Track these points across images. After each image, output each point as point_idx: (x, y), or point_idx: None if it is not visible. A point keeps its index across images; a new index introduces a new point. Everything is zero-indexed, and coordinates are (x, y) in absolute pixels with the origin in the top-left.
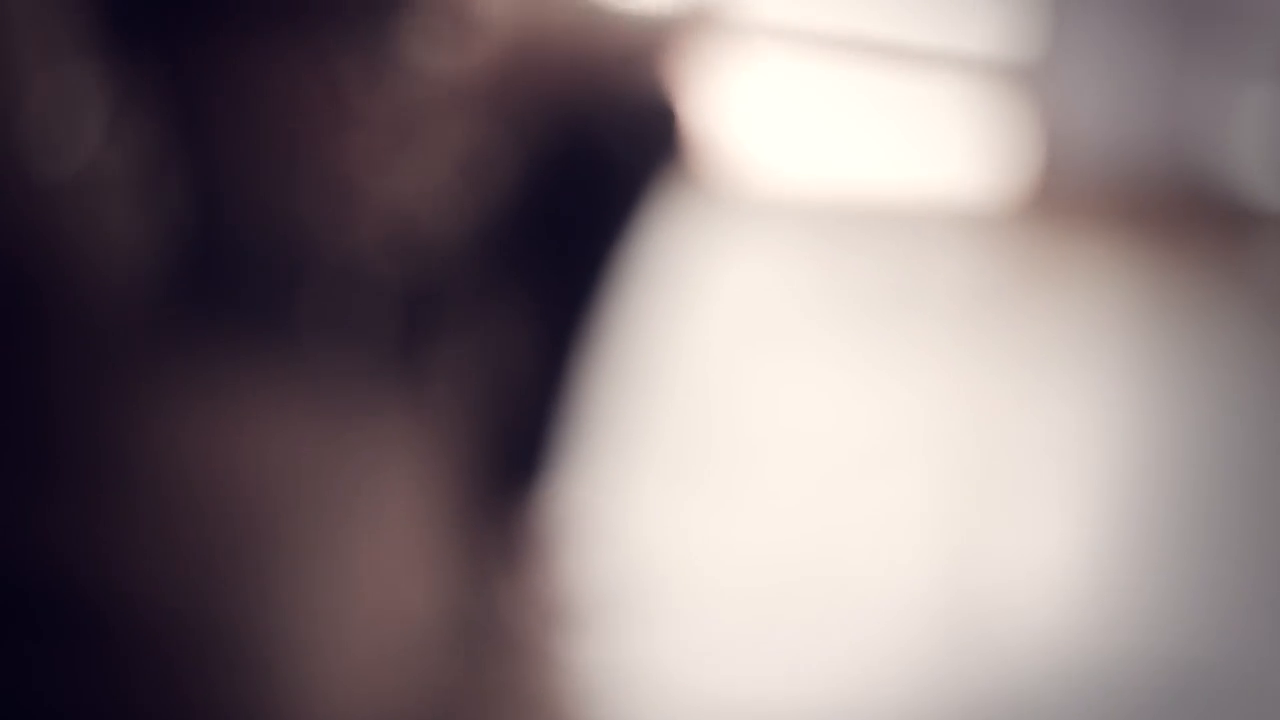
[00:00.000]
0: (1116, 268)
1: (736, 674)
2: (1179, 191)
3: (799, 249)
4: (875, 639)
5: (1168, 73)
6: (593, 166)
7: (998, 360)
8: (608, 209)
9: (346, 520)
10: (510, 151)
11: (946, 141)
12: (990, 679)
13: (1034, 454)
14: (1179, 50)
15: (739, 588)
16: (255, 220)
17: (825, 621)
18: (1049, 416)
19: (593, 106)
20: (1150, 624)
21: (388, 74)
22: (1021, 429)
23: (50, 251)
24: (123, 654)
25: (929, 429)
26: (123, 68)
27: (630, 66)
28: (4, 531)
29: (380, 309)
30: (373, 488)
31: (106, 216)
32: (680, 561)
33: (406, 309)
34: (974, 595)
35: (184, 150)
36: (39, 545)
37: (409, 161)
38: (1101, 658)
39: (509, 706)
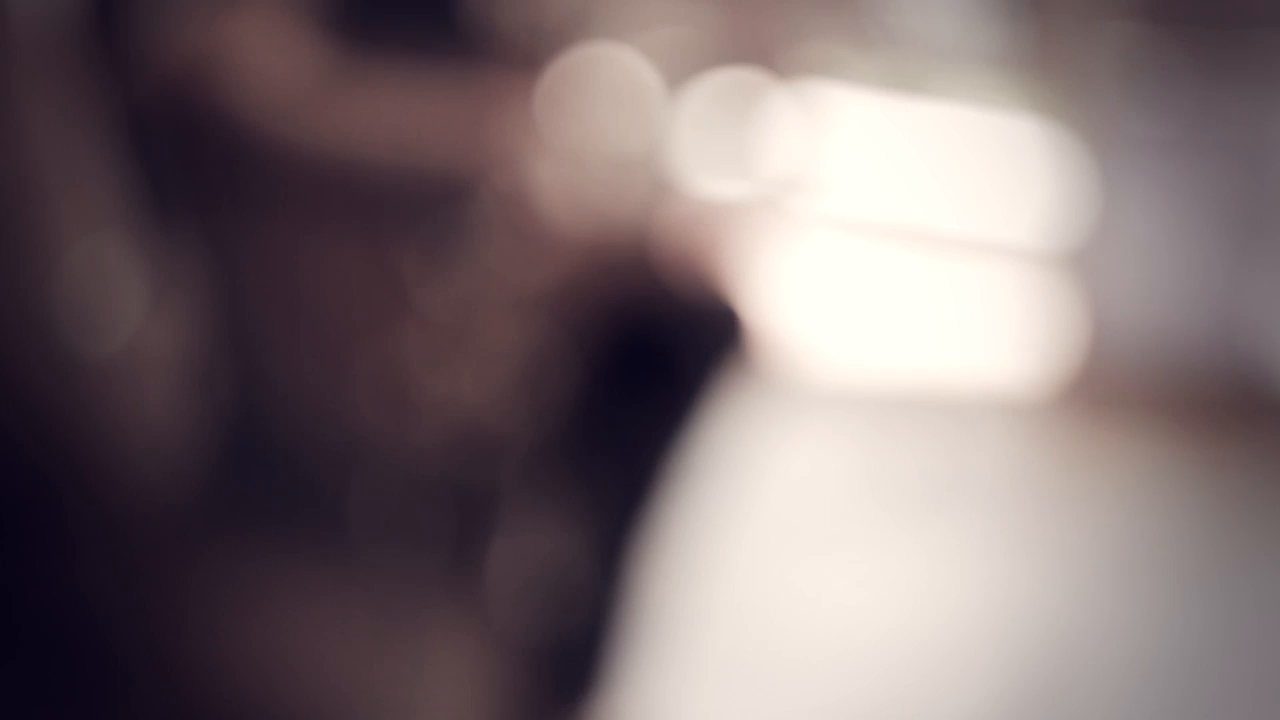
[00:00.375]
0: (1161, 462)
1: None
2: (1226, 386)
3: (846, 437)
4: None
5: (1216, 264)
6: (652, 366)
7: (1042, 552)
8: (665, 409)
9: None
10: (569, 352)
11: (993, 328)
12: None
13: (1078, 643)
14: (1229, 242)
15: None
16: (305, 411)
17: None
18: (1093, 608)
19: (652, 306)
20: None
21: (449, 270)
22: (1065, 620)
23: (87, 436)
24: None
25: (974, 620)
26: (168, 245)
27: (688, 263)
28: None
29: (434, 509)
30: (421, 693)
31: (146, 401)
32: None
33: (460, 510)
34: None
35: (231, 335)
36: None
37: (467, 360)
38: None
39: None
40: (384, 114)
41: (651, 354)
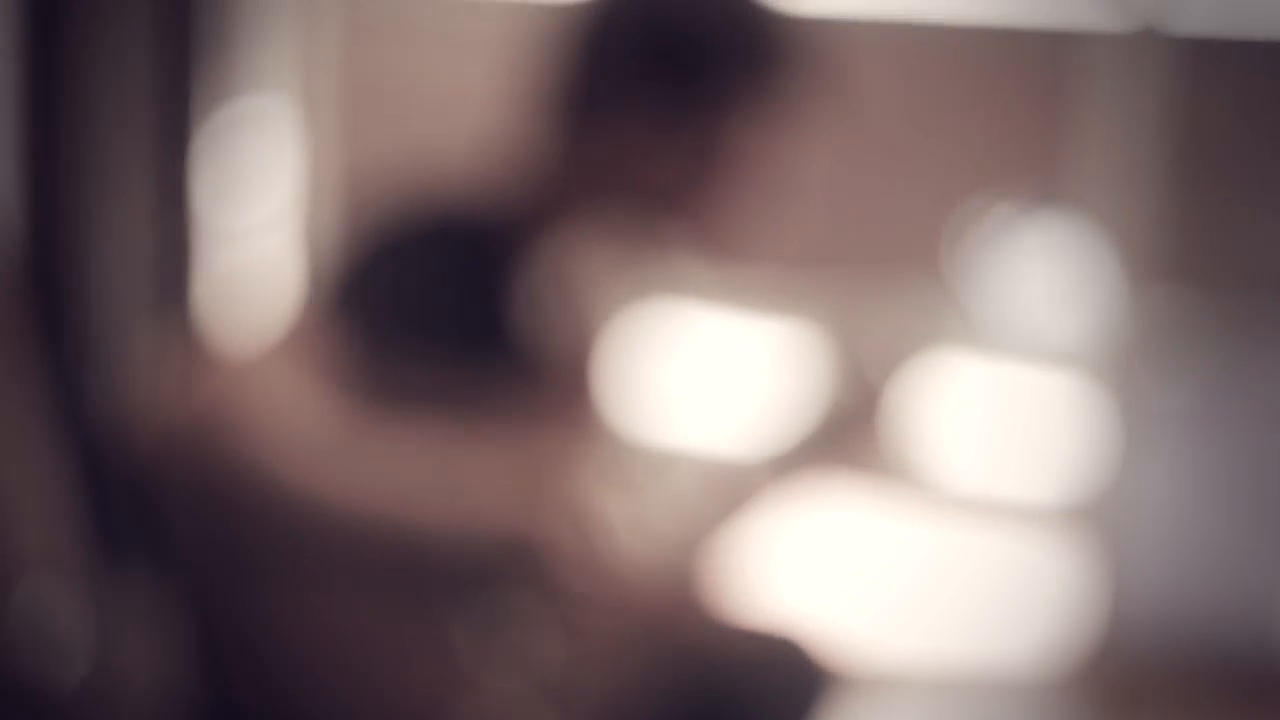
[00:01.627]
0: None
1: None
2: (1249, 664)
3: None
4: None
5: (1242, 539)
6: (727, 706)
7: None
8: None
9: None
10: (650, 696)
11: (1016, 601)
12: None
13: None
14: (1255, 516)
15: None
16: None
17: None
18: None
19: (716, 653)
20: None
21: (506, 645)
22: None
23: None
24: None
25: None
26: (127, 586)
27: (748, 599)
28: None
29: None
30: None
31: None
32: None
33: None
34: None
35: (212, 677)
36: None
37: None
38: None
39: None
40: (420, 469)
41: (726, 697)
